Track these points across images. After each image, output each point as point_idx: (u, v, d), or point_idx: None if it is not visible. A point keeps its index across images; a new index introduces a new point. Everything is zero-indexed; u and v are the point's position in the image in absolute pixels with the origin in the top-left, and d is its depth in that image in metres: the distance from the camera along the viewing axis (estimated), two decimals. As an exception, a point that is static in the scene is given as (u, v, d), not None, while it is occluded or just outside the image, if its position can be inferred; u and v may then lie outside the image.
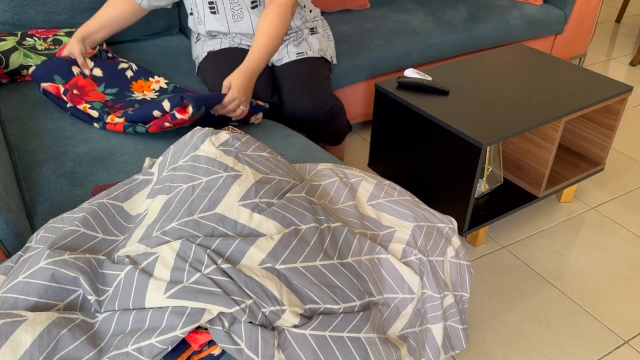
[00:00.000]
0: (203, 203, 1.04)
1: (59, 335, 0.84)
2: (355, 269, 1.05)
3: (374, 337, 0.98)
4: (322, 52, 1.82)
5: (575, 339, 1.52)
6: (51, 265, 0.93)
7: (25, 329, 0.83)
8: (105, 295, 0.94)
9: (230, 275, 0.93)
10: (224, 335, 0.89)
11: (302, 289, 0.97)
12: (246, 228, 1.03)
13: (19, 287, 0.91)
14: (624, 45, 3.34)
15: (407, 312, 1.10)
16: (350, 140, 2.35)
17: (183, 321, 0.87)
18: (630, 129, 2.50)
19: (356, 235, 1.09)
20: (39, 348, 0.82)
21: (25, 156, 1.39)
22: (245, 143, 1.19)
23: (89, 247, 1.03)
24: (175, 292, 0.89)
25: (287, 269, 0.98)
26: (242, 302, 0.90)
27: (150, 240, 0.99)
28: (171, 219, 1.01)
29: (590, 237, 1.87)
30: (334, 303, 0.98)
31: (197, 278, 0.91)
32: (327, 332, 0.94)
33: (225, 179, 1.08)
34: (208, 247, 0.96)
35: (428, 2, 2.57)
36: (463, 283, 1.23)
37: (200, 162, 1.11)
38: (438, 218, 1.23)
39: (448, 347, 1.21)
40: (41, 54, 1.71)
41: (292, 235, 1.03)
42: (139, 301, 0.91)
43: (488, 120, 1.61)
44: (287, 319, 0.93)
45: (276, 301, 0.93)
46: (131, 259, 0.97)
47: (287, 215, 1.06)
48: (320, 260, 1.02)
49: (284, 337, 0.92)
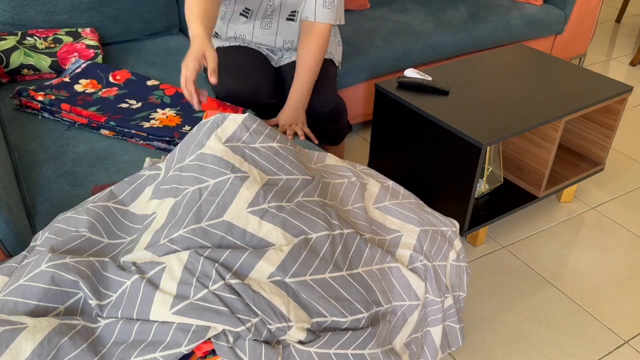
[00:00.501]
0: (211, 209, 1.02)
1: (59, 343, 0.83)
2: (365, 279, 1.04)
3: (378, 352, 0.98)
4: (331, 55, 1.83)
5: (575, 339, 1.52)
6: (51, 268, 0.92)
7: (25, 337, 0.82)
8: (107, 300, 0.93)
9: (237, 291, 0.92)
10: (228, 351, 0.88)
11: (310, 302, 0.96)
12: (255, 237, 1.02)
13: (19, 290, 0.91)
14: (624, 45, 3.34)
15: (413, 318, 1.10)
16: (350, 140, 2.35)
17: (188, 338, 0.86)
18: (630, 129, 2.50)
19: (368, 244, 1.08)
20: (39, 357, 0.81)
21: (25, 156, 1.39)
22: (254, 132, 1.16)
23: (94, 252, 1.02)
24: (181, 308, 0.88)
25: (296, 282, 0.97)
26: (247, 321, 0.89)
27: (157, 248, 0.98)
28: (178, 225, 1.00)
29: (590, 237, 1.87)
30: (341, 316, 0.98)
31: (204, 295, 0.90)
32: (332, 350, 0.94)
33: (233, 180, 1.06)
34: (216, 260, 0.95)
35: (428, 2, 2.57)
36: (461, 283, 1.23)
37: (206, 161, 1.09)
38: (441, 221, 1.23)
39: (445, 346, 1.21)
40: (42, 52, 1.71)
41: (302, 247, 1.01)
42: (144, 313, 0.90)
43: (488, 120, 1.61)
44: (293, 335, 0.93)
45: (283, 318, 0.93)
46: (137, 267, 0.96)
47: (297, 223, 1.04)
48: (329, 273, 1.01)
49: (289, 352, 0.91)
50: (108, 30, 1.96)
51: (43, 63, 1.70)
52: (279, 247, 1.00)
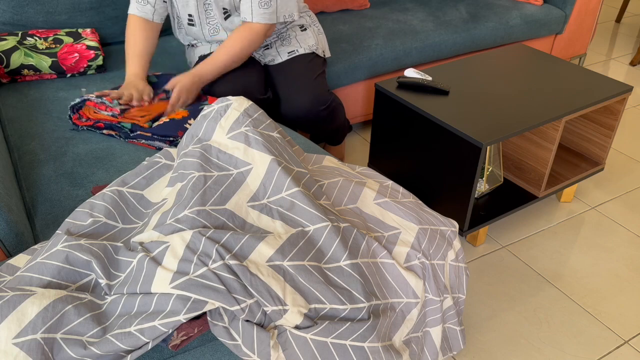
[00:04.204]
0: (214, 196, 1.07)
1: (63, 310, 0.87)
2: (363, 270, 1.05)
3: (378, 346, 0.99)
4: (315, 47, 1.82)
5: (575, 339, 1.52)
6: (67, 248, 0.97)
7: (32, 301, 0.86)
8: (116, 280, 0.97)
9: (236, 272, 0.94)
10: (223, 330, 0.91)
11: (308, 287, 0.98)
12: (254, 227, 1.06)
13: (35, 267, 0.95)
14: (624, 45, 3.34)
15: (412, 316, 1.10)
16: (350, 140, 2.35)
17: (187, 307, 0.89)
18: (630, 129, 2.50)
19: (365, 236, 1.09)
20: (42, 320, 0.85)
21: (25, 156, 1.39)
22: (257, 120, 1.20)
23: (108, 236, 1.06)
24: (180, 283, 0.91)
25: (294, 266, 0.99)
26: (243, 301, 0.92)
27: (164, 228, 1.02)
28: (184, 206, 1.04)
29: (590, 237, 1.87)
30: (340, 303, 0.99)
31: (203, 272, 0.93)
32: (329, 339, 0.94)
33: (236, 177, 1.11)
34: (218, 241, 0.98)
35: (428, 2, 2.57)
36: (460, 285, 1.23)
37: (211, 153, 1.14)
38: (441, 221, 1.22)
39: (446, 348, 1.21)
40: (42, 53, 1.72)
41: (300, 237, 1.04)
42: (146, 287, 0.93)
43: (488, 120, 1.61)
44: (289, 319, 0.94)
45: (279, 301, 0.94)
46: (144, 246, 0.99)
47: (295, 217, 1.07)
48: (326, 263, 1.03)
49: (285, 338, 0.93)
50: (108, 30, 1.97)
51: (43, 63, 1.71)
52: (278, 235, 1.03)
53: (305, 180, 1.15)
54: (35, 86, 1.69)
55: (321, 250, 1.04)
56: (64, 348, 0.85)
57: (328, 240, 1.04)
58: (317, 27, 1.89)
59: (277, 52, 1.79)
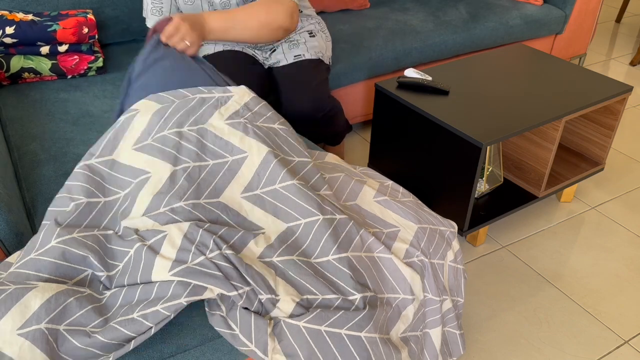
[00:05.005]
0: (209, 189, 1.08)
1: (66, 302, 0.89)
2: (353, 263, 1.06)
3: (376, 337, 0.99)
4: (321, 54, 1.82)
5: (575, 339, 1.52)
6: (61, 244, 0.97)
7: (35, 294, 0.88)
8: (115, 270, 0.98)
9: (232, 261, 0.96)
10: (221, 320, 0.93)
11: (299, 280, 1.00)
12: (246, 221, 1.08)
13: (30, 263, 0.96)
14: (624, 45, 3.34)
15: (407, 313, 1.09)
16: (350, 140, 2.35)
17: (188, 291, 0.90)
18: (630, 129, 2.50)
19: (360, 230, 1.10)
20: (46, 311, 0.86)
21: (25, 156, 1.39)
22: (257, 114, 1.20)
23: (95, 216, 1.06)
24: (179, 271, 0.93)
25: (284, 261, 1.01)
26: (240, 287, 0.93)
27: (158, 217, 1.03)
28: (178, 196, 1.05)
29: (590, 237, 1.87)
30: (331, 293, 1.00)
31: (201, 260, 0.95)
32: (322, 327, 0.95)
33: (231, 164, 1.11)
34: (214, 233, 1.00)
35: (428, 2, 2.57)
36: (458, 288, 1.23)
37: (207, 138, 1.14)
38: (440, 221, 1.23)
39: (446, 353, 1.20)
40: (42, 55, 1.71)
41: (289, 234, 1.06)
42: (146, 277, 0.94)
43: (488, 120, 1.61)
44: (282, 308, 0.96)
45: (272, 291, 0.96)
46: (139, 235, 1.00)
47: (288, 210, 1.08)
48: (315, 258, 1.04)
49: (280, 328, 0.94)
50: (108, 30, 1.97)
51: (43, 66, 1.70)
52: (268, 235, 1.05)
53: (306, 170, 1.15)
54: (36, 87, 1.69)
55: (310, 246, 1.05)
56: (69, 339, 0.86)
57: (317, 234, 1.05)
58: (326, 34, 1.90)
59: (283, 55, 1.79)
